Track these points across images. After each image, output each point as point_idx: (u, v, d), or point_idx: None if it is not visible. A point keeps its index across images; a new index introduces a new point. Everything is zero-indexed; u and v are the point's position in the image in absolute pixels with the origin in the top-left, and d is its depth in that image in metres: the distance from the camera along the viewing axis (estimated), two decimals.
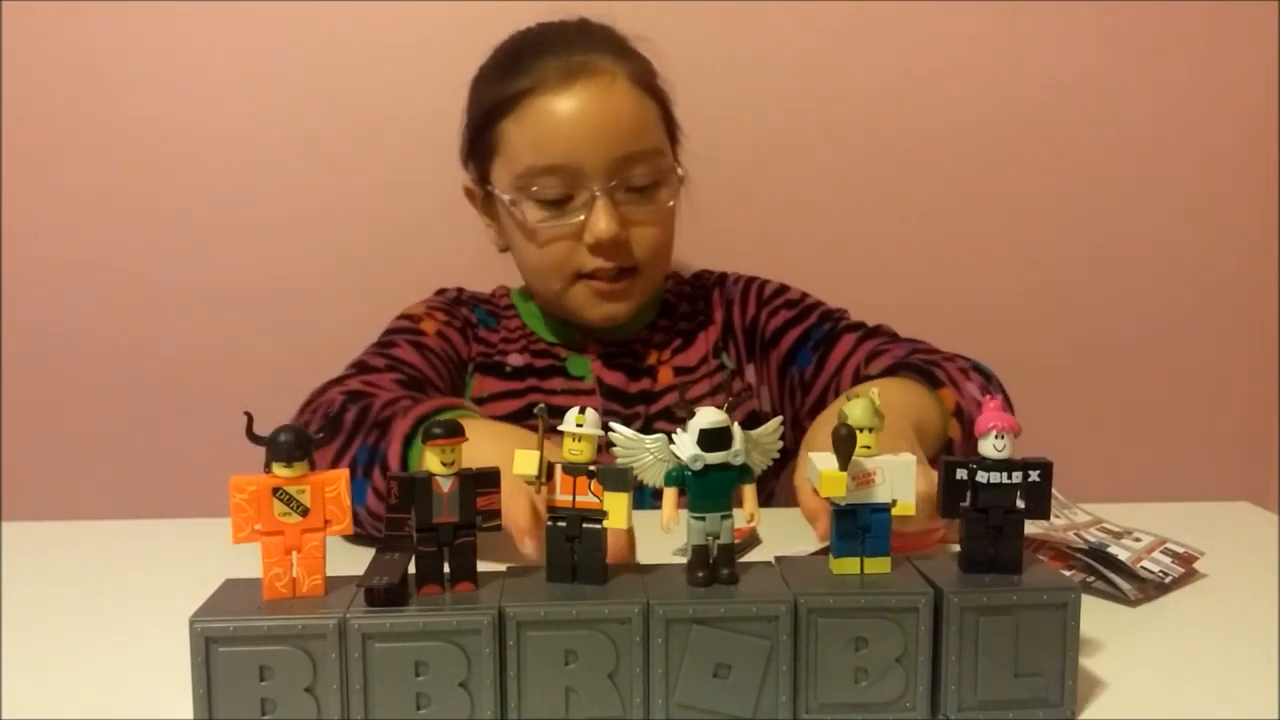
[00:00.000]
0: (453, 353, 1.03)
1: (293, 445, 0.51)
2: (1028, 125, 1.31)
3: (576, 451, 0.53)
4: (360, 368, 0.95)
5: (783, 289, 1.10)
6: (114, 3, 1.23)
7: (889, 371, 0.88)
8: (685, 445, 0.52)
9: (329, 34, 1.25)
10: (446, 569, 0.53)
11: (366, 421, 0.80)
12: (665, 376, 1.06)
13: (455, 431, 0.52)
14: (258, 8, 1.24)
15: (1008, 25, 1.29)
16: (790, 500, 0.90)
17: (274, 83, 1.25)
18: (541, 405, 0.55)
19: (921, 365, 0.88)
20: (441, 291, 1.12)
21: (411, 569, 0.53)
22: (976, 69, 1.30)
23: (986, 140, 1.31)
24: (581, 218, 0.96)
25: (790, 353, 1.05)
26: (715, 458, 0.52)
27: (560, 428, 0.54)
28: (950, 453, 0.83)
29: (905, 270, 1.33)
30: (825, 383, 1.01)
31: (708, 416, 0.52)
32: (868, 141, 1.30)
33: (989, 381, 0.94)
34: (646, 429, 1.00)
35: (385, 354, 0.97)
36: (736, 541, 0.54)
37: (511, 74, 0.98)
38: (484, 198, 1.05)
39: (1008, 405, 0.94)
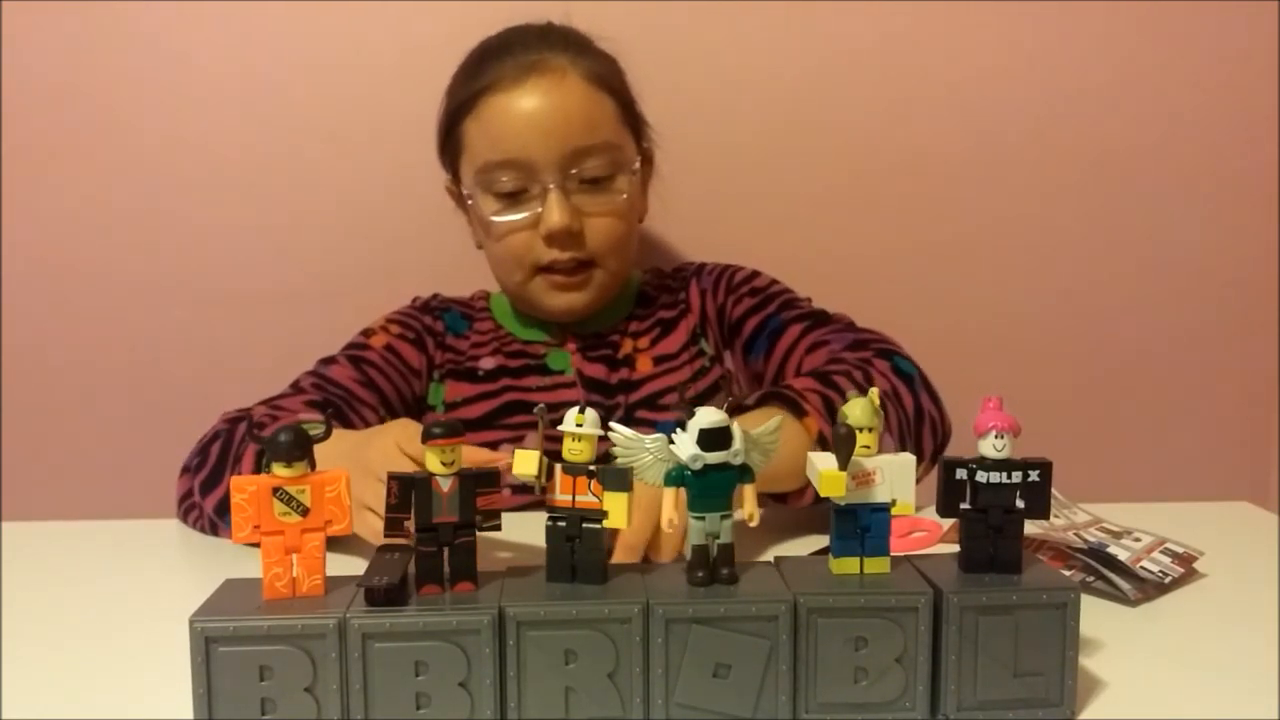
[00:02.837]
0: (400, 364, 1.05)
1: (292, 445, 0.51)
2: (1027, 125, 1.31)
3: (576, 451, 0.53)
4: (293, 387, 1.00)
5: (752, 276, 1.11)
6: (112, 4, 1.23)
7: (762, 400, 0.86)
8: (685, 445, 0.52)
9: (329, 37, 1.25)
10: (446, 569, 0.53)
11: (229, 455, 0.88)
12: (644, 365, 1.07)
13: (455, 432, 0.52)
14: (253, 10, 1.24)
15: (1001, 25, 1.29)
16: None
17: (271, 85, 1.25)
18: (541, 405, 0.55)
19: (791, 395, 0.84)
20: (415, 299, 1.14)
21: (411, 569, 0.53)
22: (967, 67, 1.29)
23: (986, 140, 1.31)
24: (536, 210, 1.00)
25: (749, 341, 1.06)
26: (715, 458, 0.52)
27: (561, 428, 0.54)
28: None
29: (902, 270, 1.33)
30: (773, 374, 1.02)
31: (707, 416, 0.52)
32: (865, 142, 1.30)
33: (910, 384, 0.91)
34: (628, 417, 1.02)
35: (318, 373, 1.01)
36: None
37: (473, 76, 1.02)
38: (459, 196, 1.08)
39: (935, 403, 0.92)
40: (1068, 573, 0.71)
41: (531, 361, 1.07)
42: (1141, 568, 0.71)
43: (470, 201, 1.03)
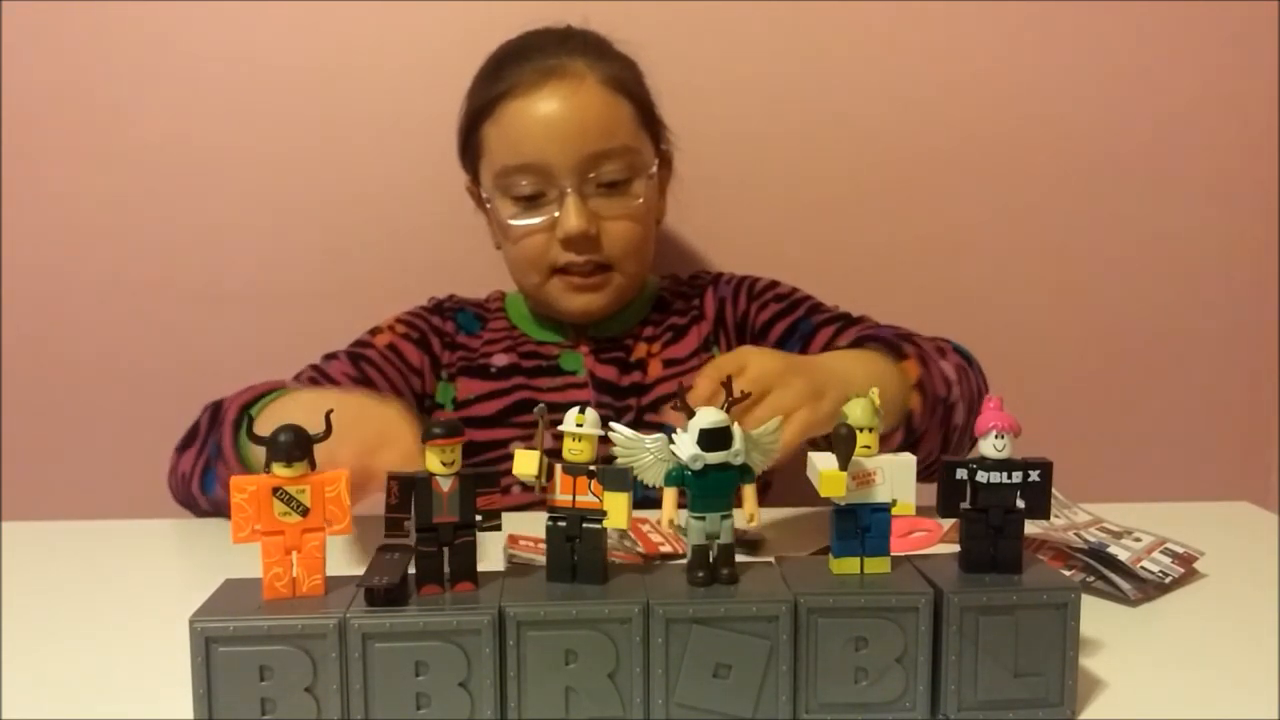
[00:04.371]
0: (399, 362, 1.06)
1: (292, 445, 0.51)
2: (1029, 125, 1.31)
3: (576, 451, 0.53)
4: (295, 379, 1.01)
5: (774, 284, 1.12)
6: (113, 4, 1.23)
7: (855, 344, 0.89)
8: (685, 445, 0.52)
9: (333, 36, 1.25)
10: (446, 569, 0.53)
11: (216, 421, 0.91)
12: (655, 369, 1.07)
13: (455, 431, 0.52)
14: (257, 10, 1.24)
15: (1004, 25, 1.29)
16: (787, 498, 0.90)
17: (275, 85, 1.25)
18: (541, 405, 0.55)
19: (890, 339, 0.88)
20: (430, 300, 1.15)
21: (411, 569, 0.53)
22: (973, 68, 1.29)
23: (987, 140, 1.31)
24: (554, 214, 1.00)
25: (777, 345, 1.06)
26: (715, 458, 0.52)
27: (561, 428, 0.54)
28: (910, 425, 0.84)
29: (905, 270, 1.33)
30: None
31: (708, 416, 0.52)
32: (868, 144, 1.30)
33: (969, 363, 0.95)
34: (638, 421, 1.03)
35: (317, 366, 1.03)
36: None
37: (492, 80, 1.03)
38: (479, 197, 1.09)
39: (986, 386, 0.95)
40: (1068, 573, 0.71)
41: (544, 362, 1.08)
42: (1142, 568, 0.71)
43: (489, 203, 1.04)
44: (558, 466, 0.54)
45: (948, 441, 0.88)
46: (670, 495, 0.53)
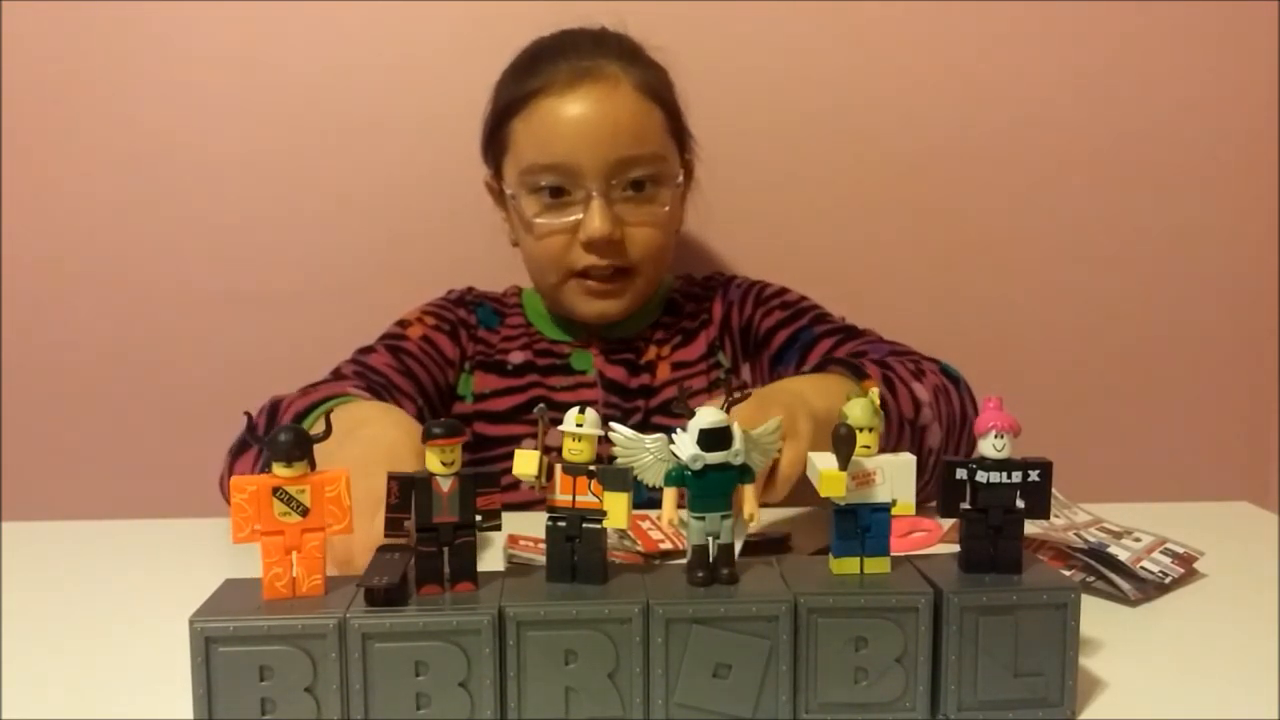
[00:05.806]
0: (436, 354, 1.06)
1: (292, 445, 0.51)
2: (1030, 127, 1.31)
3: (576, 451, 0.53)
4: (334, 374, 1.00)
5: (782, 291, 1.11)
6: (116, 2, 1.23)
7: (819, 367, 0.89)
8: (685, 445, 0.52)
9: (342, 33, 1.25)
10: (446, 569, 0.53)
11: (273, 427, 0.87)
12: (664, 372, 1.08)
13: (455, 432, 0.52)
14: (264, 7, 1.24)
15: (1016, 30, 1.29)
16: (788, 498, 0.90)
17: (286, 83, 1.25)
18: (542, 405, 0.55)
19: (851, 361, 0.87)
20: (450, 292, 1.15)
21: (412, 569, 0.53)
22: (987, 72, 1.29)
23: (990, 143, 1.31)
24: (578, 215, 1.00)
25: (778, 353, 1.06)
26: (715, 458, 0.52)
27: (561, 428, 0.54)
28: None
29: (910, 271, 1.33)
30: None
31: (708, 416, 0.52)
32: (877, 147, 1.30)
33: (955, 385, 0.93)
34: (645, 422, 1.03)
35: (359, 360, 1.02)
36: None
37: (525, 75, 1.02)
38: (499, 193, 1.09)
39: (974, 408, 0.93)
40: (1068, 573, 0.71)
41: (557, 360, 1.09)
42: (1141, 568, 0.71)
43: (513, 200, 1.04)
44: (558, 466, 0.54)
45: (922, 466, 0.85)
46: (670, 495, 0.53)
